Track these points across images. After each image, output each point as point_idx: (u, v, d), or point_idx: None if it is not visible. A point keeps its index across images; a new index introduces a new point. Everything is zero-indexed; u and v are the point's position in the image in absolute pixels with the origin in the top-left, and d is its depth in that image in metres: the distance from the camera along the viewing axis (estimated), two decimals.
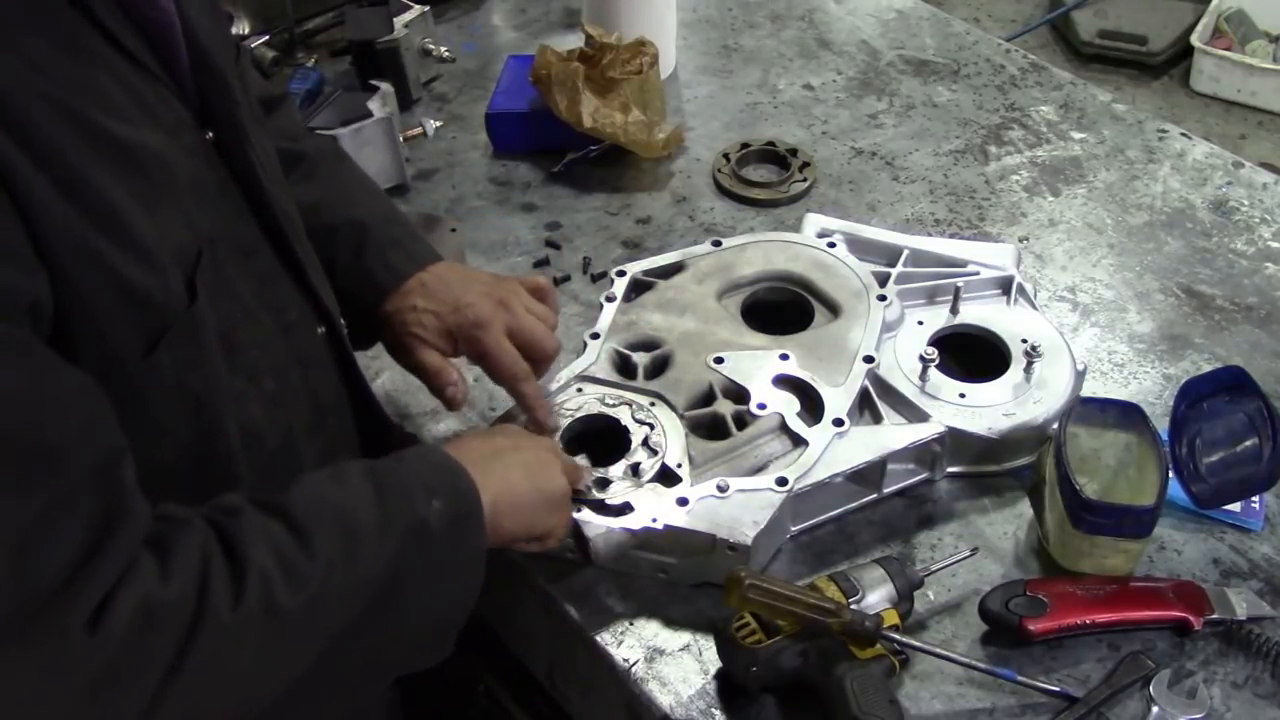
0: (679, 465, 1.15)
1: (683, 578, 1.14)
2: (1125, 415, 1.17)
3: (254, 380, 0.93)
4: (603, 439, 1.18)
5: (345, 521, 0.84)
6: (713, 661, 1.08)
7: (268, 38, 1.83)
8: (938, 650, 1.04)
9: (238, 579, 0.77)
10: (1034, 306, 1.33)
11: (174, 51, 0.88)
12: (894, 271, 1.35)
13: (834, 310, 1.31)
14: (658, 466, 1.15)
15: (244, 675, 0.79)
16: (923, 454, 1.21)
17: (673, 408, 1.21)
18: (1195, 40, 3.54)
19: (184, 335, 0.84)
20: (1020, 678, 1.03)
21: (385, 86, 1.62)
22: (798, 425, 1.18)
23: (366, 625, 0.85)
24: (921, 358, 1.23)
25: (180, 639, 0.74)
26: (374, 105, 1.58)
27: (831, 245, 1.38)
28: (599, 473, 1.14)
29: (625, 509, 1.12)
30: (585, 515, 1.11)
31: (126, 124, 0.80)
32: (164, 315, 0.82)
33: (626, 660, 1.09)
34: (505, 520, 0.97)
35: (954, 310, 1.31)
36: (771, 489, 1.12)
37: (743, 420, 1.19)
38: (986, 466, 1.23)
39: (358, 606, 0.84)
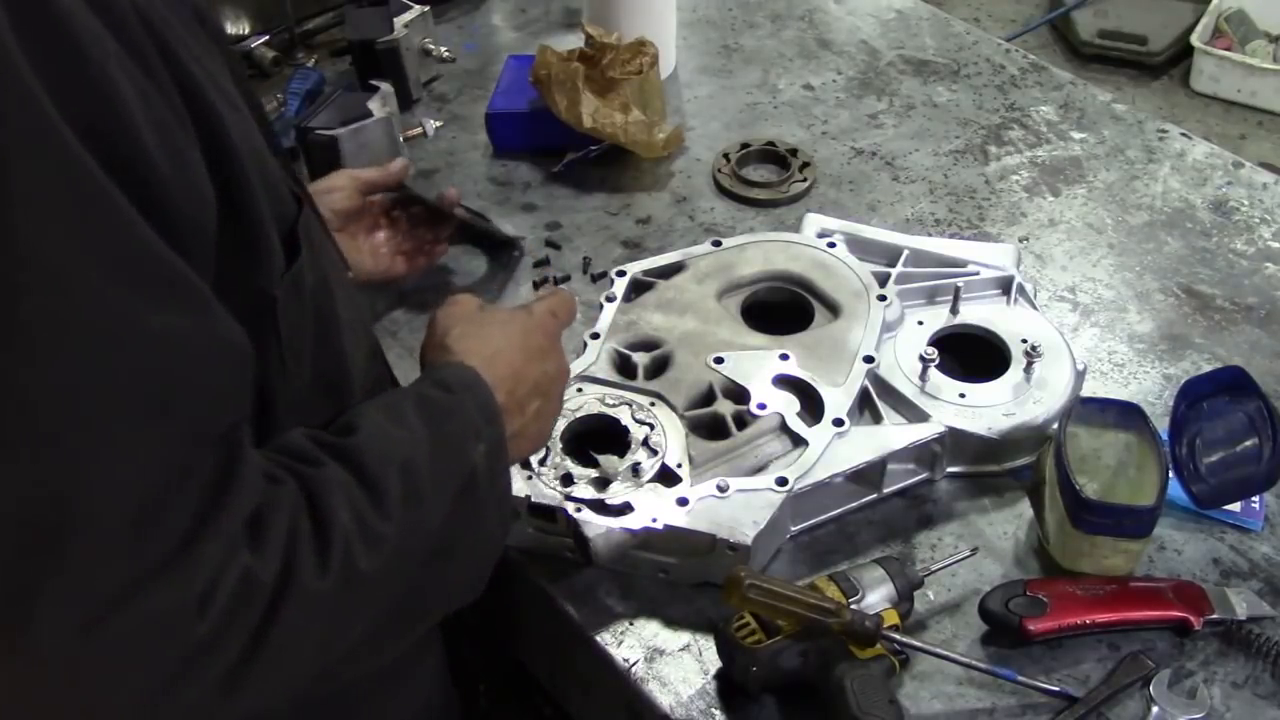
0: (679, 465, 1.15)
1: (683, 578, 1.14)
2: (1125, 415, 1.17)
3: (340, 308, 0.95)
4: (603, 439, 1.18)
5: (409, 476, 0.83)
6: (713, 661, 1.08)
7: (268, 38, 1.84)
8: (938, 650, 1.04)
9: (323, 547, 0.75)
10: (1034, 306, 1.33)
11: None
12: (894, 271, 1.35)
13: (834, 310, 1.31)
14: (658, 466, 1.15)
15: (320, 641, 0.77)
16: (923, 454, 1.21)
17: (673, 408, 1.21)
18: (1195, 40, 3.54)
19: (309, 254, 0.85)
20: (1020, 678, 1.03)
21: (385, 86, 1.62)
22: (798, 425, 1.18)
23: (421, 579, 0.85)
24: (921, 358, 1.23)
25: (267, 612, 0.71)
26: (374, 105, 1.58)
27: (831, 245, 1.38)
28: (597, 472, 1.14)
29: (625, 509, 1.12)
30: (585, 515, 1.11)
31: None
32: (293, 227, 0.84)
33: (626, 660, 1.09)
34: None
35: (954, 310, 1.31)
36: (771, 489, 1.12)
37: (743, 420, 1.19)
38: (986, 466, 1.23)
39: (418, 562, 0.84)
